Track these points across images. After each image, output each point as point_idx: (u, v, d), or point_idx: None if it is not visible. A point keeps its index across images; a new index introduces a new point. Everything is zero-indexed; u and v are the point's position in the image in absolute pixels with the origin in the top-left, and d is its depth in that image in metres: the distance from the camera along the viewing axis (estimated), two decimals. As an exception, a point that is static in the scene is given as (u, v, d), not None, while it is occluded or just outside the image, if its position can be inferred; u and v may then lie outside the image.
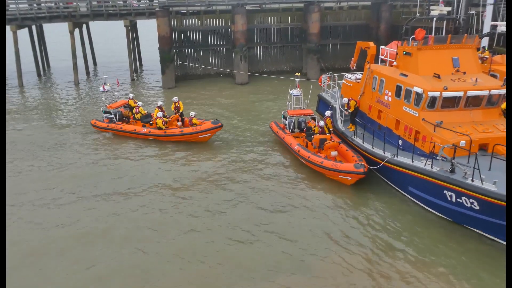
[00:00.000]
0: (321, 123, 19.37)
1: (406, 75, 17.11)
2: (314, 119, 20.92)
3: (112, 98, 25.20)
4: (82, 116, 27.90)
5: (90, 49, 45.86)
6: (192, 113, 22.30)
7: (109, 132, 23.72)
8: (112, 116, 23.95)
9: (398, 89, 17.27)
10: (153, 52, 43.68)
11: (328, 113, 20.07)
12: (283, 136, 20.65)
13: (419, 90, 15.67)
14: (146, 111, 23.94)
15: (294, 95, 21.50)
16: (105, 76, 25.88)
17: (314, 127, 19.90)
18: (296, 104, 21.82)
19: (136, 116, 23.56)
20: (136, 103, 24.39)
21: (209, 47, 38.40)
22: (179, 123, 22.80)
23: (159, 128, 22.01)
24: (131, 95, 25.00)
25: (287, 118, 21.38)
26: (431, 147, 14.77)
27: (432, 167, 14.29)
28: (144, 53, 47.12)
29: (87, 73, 41.94)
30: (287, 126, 21.32)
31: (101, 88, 24.63)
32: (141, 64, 46.01)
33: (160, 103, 23.25)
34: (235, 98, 32.12)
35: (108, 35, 67.01)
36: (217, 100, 31.25)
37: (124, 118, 24.29)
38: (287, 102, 21.71)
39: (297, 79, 21.40)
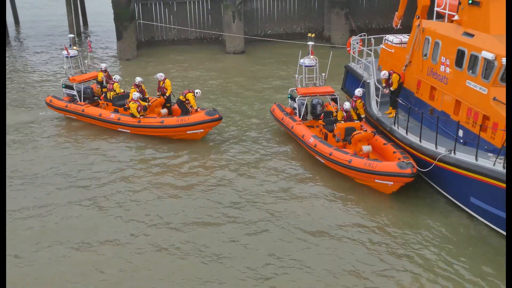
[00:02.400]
0: (347, 105, 19.66)
1: (471, 35, 17.29)
2: (335, 100, 21.25)
3: (79, 68, 25.78)
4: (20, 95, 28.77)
5: (10, 1, 46.49)
6: (198, 92, 22.61)
7: (66, 114, 24.81)
8: (75, 93, 24.61)
9: (460, 55, 17.44)
10: (104, 6, 44.08)
11: (358, 91, 20.36)
12: (291, 125, 20.99)
13: (490, 55, 15.85)
14: (123, 90, 24.49)
15: (306, 66, 21.81)
16: (71, 35, 26.31)
17: (336, 111, 20.23)
18: (309, 79, 22.10)
19: (108, 96, 24.08)
20: (110, 77, 24.94)
21: (186, -1, 38.90)
22: (164, 111, 23.15)
23: (133, 116, 22.37)
24: (103, 65, 25.66)
25: (296, 100, 21.70)
26: (504, 139, 14.95)
27: (504, 168, 14.44)
28: (90, 7, 47.67)
29: (6, 34, 42.59)
30: (296, 111, 21.64)
31: (64, 52, 25.15)
32: (86, 23, 46.48)
33: (138, 79, 23.63)
34: (225, 73, 32.50)
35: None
36: (198, 78, 31.60)
37: (96, 97, 25.05)
38: (296, 76, 22.06)
39: (310, 43, 21.71)
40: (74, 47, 25.58)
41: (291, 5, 39.92)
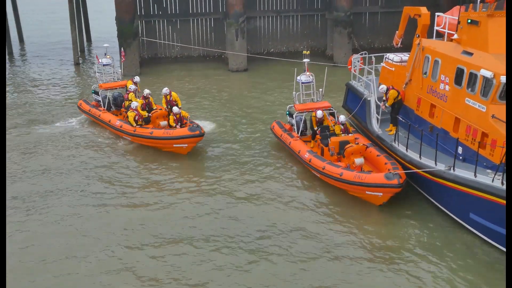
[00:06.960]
0: (342, 118, 20.37)
1: (470, 54, 17.66)
2: (333, 114, 21.72)
3: (111, 76, 27.52)
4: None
5: (14, 19, 47.09)
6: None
7: (91, 118, 26.71)
8: (100, 98, 26.55)
9: (459, 73, 17.79)
10: (108, 24, 44.66)
11: (318, 113, 20.98)
12: (289, 141, 21.41)
13: (488, 74, 16.19)
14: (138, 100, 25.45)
15: (303, 83, 22.31)
16: (106, 45, 27.76)
17: (334, 125, 20.77)
18: (306, 95, 22.60)
19: (125, 104, 25.53)
20: (131, 88, 25.96)
21: (190, 17, 39.45)
22: (163, 123, 24.11)
23: (131, 124, 23.72)
24: (137, 78, 26.80)
25: (294, 116, 22.15)
26: (502, 156, 15.21)
27: (503, 184, 14.70)
28: (94, 25, 48.18)
29: (10, 52, 43.08)
30: (294, 127, 22.07)
31: (98, 61, 26.94)
32: (89, 41, 47.07)
33: (146, 91, 24.88)
34: (227, 91, 32.84)
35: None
36: (201, 95, 31.96)
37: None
38: (293, 93, 22.56)
39: (305, 60, 22.25)
40: (108, 56, 27.07)
41: (294, 24, 40.37)
